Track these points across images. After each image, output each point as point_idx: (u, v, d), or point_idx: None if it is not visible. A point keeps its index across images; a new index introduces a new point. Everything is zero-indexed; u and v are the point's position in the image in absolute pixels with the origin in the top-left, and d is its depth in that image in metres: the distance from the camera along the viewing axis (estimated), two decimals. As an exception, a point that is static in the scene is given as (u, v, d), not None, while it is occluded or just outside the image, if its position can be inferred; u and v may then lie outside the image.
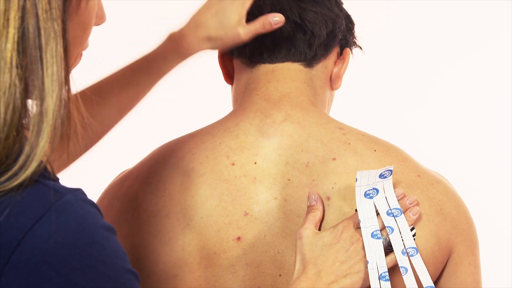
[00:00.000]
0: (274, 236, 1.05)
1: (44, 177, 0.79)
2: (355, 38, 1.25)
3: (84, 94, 1.16)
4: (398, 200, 1.01)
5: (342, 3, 1.22)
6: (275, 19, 1.13)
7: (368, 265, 0.97)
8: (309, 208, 1.04)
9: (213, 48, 1.20)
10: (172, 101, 1.92)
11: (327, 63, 1.20)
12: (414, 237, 1.00)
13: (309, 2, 1.16)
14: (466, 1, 2.43)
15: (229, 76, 1.24)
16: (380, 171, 1.02)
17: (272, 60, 1.16)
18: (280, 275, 1.05)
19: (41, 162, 0.78)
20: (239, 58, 1.19)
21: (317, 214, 1.03)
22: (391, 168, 1.01)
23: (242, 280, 1.05)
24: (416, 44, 2.50)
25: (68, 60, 0.80)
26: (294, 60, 1.16)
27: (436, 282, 1.08)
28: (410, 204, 1.01)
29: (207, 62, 1.29)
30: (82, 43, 0.87)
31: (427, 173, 1.09)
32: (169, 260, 1.06)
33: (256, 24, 1.14)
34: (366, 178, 1.02)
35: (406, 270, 0.98)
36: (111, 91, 1.22)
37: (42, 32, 0.77)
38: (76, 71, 0.88)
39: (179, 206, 1.07)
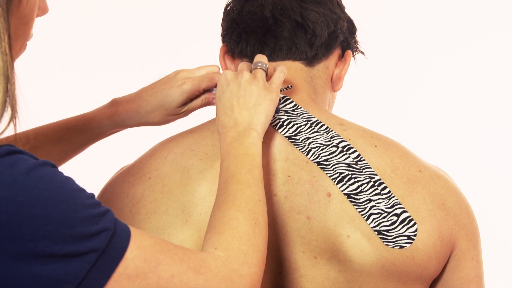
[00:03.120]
0: (274, 233, 1.05)
1: None
2: (358, 43, 1.26)
3: (26, 134, 1.21)
4: None
5: (345, 7, 1.22)
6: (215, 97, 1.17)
7: None
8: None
9: (151, 124, 1.23)
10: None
11: (328, 64, 1.20)
12: None
13: (311, 2, 1.16)
14: (466, 1, 2.43)
15: None
16: None
17: (273, 58, 1.16)
18: (280, 273, 1.05)
19: None
20: (240, 58, 1.19)
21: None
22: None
23: (241, 277, 1.04)
24: (416, 42, 2.51)
25: (12, 55, 0.83)
26: (295, 59, 1.16)
27: (439, 277, 1.08)
28: None
29: (207, 62, 1.28)
30: (24, 35, 0.90)
31: (429, 168, 1.09)
32: None
33: (197, 101, 1.20)
34: None
35: None
36: (45, 140, 1.26)
37: None
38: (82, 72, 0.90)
39: (178, 202, 1.07)
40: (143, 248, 0.84)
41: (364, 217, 1.03)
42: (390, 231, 1.03)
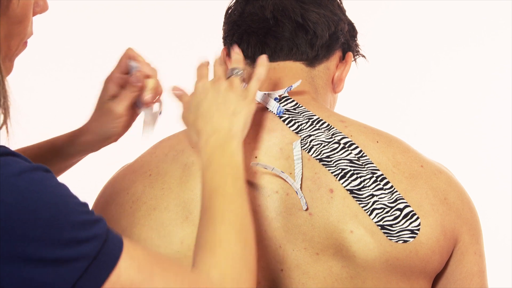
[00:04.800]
0: (276, 230, 1.05)
1: None
2: (358, 47, 1.26)
3: None
4: None
5: (345, 10, 1.23)
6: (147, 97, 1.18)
7: None
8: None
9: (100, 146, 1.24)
10: (172, 96, 1.93)
11: (329, 65, 1.20)
12: None
13: (312, 3, 1.16)
14: (466, 1, 2.44)
15: None
16: None
17: (273, 59, 1.16)
18: (282, 270, 1.05)
19: None
20: None
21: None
22: None
23: (241, 274, 1.04)
24: (416, 42, 2.52)
25: (2, 68, 0.83)
26: (295, 59, 1.17)
27: (442, 271, 1.09)
28: None
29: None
30: (20, 34, 0.89)
31: (430, 163, 1.10)
32: (168, 253, 1.05)
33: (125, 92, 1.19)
34: None
35: None
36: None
37: None
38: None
39: (178, 199, 1.07)
40: (137, 258, 0.83)
41: (367, 212, 1.03)
42: (393, 226, 1.03)
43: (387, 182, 1.05)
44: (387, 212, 1.03)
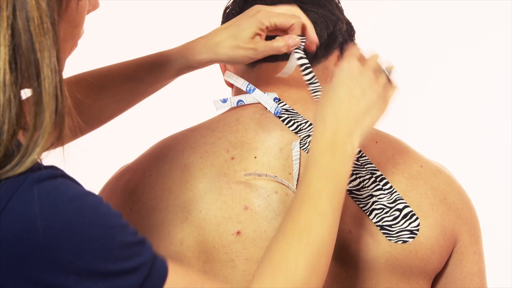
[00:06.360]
0: (275, 231, 1.04)
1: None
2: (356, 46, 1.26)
3: (84, 79, 1.16)
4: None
5: (343, 10, 1.23)
6: (295, 40, 1.09)
7: None
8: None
9: (219, 59, 1.13)
10: (172, 96, 1.93)
11: (328, 65, 1.20)
12: None
13: (310, 3, 1.16)
14: (466, 1, 2.44)
15: None
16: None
17: (272, 59, 1.16)
18: (281, 270, 1.04)
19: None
20: None
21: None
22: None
23: (242, 275, 1.04)
24: (415, 41, 2.52)
25: (61, 66, 0.80)
26: None
27: (441, 271, 1.08)
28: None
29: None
30: (74, 37, 0.88)
31: (430, 164, 1.10)
32: (168, 253, 1.05)
33: (272, 43, 1.10)
34: None
35: None
36: (113, 80, 1.20)
37: (37, 46, 0.77)
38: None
39: (178, 199, 1.07)
40: (184, 278, 0.82)
41: (366, 213, 1.03)
42: (392, 226, 1.03)
43: (387, 183, 1.05)
44: (386, 212, 1.03)
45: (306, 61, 1.11)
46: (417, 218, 1.03)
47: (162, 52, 1.19)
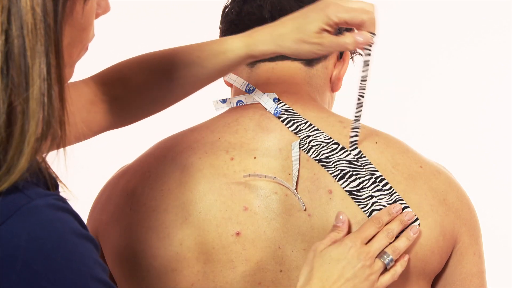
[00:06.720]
0: (275, 231, 1.05)
1: (27, 181, 0.77)
2: None
3: (147, 60, 1.12)
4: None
5: None
6: (366, 38, 1.05)
7: None
8: (334, 227, 1.02)
9: (282, 51, 1.08)
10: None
11: (327, 64, 1.20)
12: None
13: (309, 2, 1.15)
14: (466, 1, 2.44)
15: None
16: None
17: (272, 59, 1.16)
18: (281, 271, 1.04)
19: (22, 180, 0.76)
20: None
21: (340, 235, 1.01)
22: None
23: (241, 275, 1.04)
24: (415, 40, 2.52)
25: (63, 77, 0.78)
26: (294, 59, 1.16)
27: (441, 272, 1.08)
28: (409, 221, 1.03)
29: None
30: (82, 40, 0.85)
31: (429, 164, 1.10)
32: (168, 254, 1.05)
33: (340, 39, 1.05)
34: None
35: None
36: (177, 64, 1.14)
37: (29, 53, 0.75)
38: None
39: (177, 200, 1.06)
40: None
41: (366, 213, 1.03)
42: None
43: (386, 183, 1.05)
44: None
45: (369, 58, 1.06)
46: (417, 219, 1.03)
47: (226, 38, 1.12)
